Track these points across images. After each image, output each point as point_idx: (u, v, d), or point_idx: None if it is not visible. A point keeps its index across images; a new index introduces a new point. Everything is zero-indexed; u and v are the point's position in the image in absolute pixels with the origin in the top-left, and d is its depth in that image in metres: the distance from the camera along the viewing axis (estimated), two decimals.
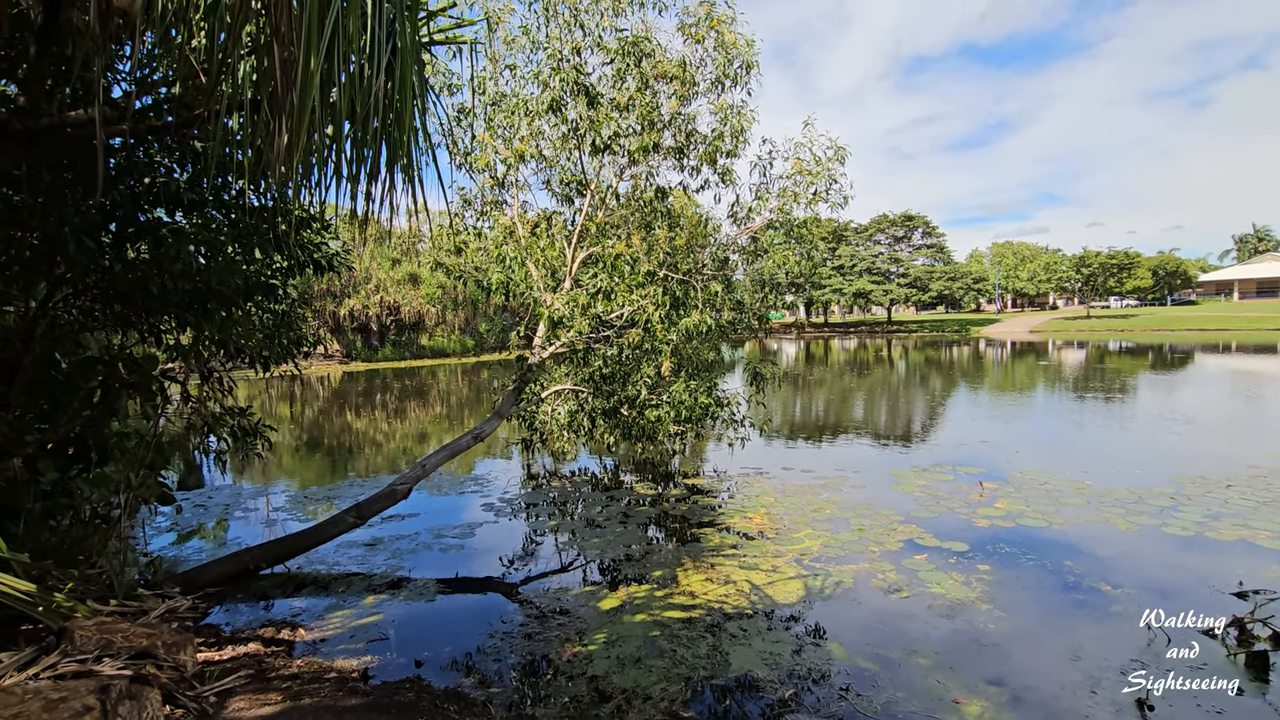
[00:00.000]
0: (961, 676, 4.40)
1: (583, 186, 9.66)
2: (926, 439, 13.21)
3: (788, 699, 4.15)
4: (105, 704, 2.48)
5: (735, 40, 8.72)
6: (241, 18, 2.40)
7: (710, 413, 9.27)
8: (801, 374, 28.54)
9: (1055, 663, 4.56)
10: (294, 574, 6.38)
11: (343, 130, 2.76)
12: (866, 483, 9.61)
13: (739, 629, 5.11)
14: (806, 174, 9.62)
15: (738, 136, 9.23)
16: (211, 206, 4.99)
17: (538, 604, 5.70)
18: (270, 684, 3.81)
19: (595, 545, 7.17)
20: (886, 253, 74.52)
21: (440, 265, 10.49)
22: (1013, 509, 8.05)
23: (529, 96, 8.84)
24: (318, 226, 5.71)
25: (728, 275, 10.02)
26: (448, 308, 44.76)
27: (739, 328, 10.11)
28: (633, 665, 4.55)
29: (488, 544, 7.38)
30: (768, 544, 7.05)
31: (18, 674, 2.84)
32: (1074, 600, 5.54)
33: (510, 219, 9.72)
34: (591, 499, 9.08)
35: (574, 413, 9.51)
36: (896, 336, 63.22)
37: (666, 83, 8.71)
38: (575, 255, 9.06)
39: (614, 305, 8.46)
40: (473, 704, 4.03)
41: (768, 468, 10.62)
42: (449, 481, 10.37)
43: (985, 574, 6.11)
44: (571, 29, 8.51)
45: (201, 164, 4.66)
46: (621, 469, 10.94)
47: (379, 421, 17.96)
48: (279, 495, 10.00)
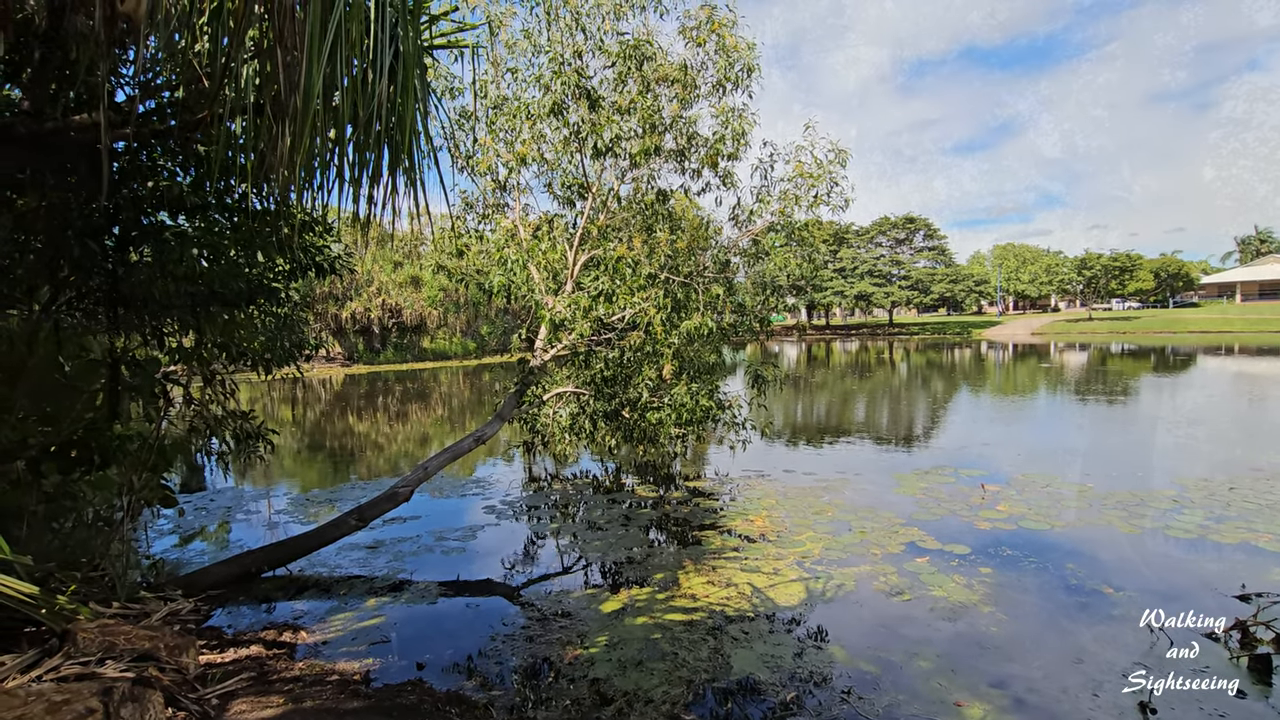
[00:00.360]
0: (963, 679, 4.39)
1: (584, 189, 9.68)
2: (928, 441, 13.20)
3: (789, 702, 4.14)
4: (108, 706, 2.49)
5: (736, 44, 8.74)
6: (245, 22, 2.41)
7: (712, 415, 9.27)
8: (803, 376, 28.53)
9: (1057, 665, 4.55)
10: (296, 577, 6.38)
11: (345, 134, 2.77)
12: (868, 485, 9.60)
13: (740, 632, 5.10)
14: (808, 177, 9.63)
15: (739, 139, 9.24)
16: (214, 210, 5.01)
17: (539, 606, 5.70)
18: (272, 686, 3.81)
19: (596, 548, 7.17)
20: (888, 255, 74.50)
21: (442, 268, 10.50)
22: (1014, 511, 8.03)
23: (531, 100, 8.87)
24: (320, 230, 5.73)
25: (729, 278, 10.03)
26: (449, 310, 44.82)
27: (740, 330, 10.11)
28: (634, 668, 4.55)
29: (489, 546, 7.38)
30: (769, 546, 7.05)
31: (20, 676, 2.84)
32: (1076, 603, 5.53)
33: (512, 222, 9.74)
34: (593, 501, 9.08)
35: (575, 415, 9.51)
36: (898, 339, 63.19)
37: (668, 86, 8.73)
38: (577, 258, 9.07)
39: (615, 308, 8.47)
40: (474, 706, 4.03)
41: (769, 470, 10.62)
42: (451, 484, 10.38)
43: (987, 577, 6.10)
44: (573, 32, 8.53)
45: (204, 168, 4.69)
46: (623, 472, 10.94)
47: (381, 424, 17.98)
48: (281, 498, 10.02)
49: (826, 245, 66.07)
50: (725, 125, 9.15)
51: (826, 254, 68.21)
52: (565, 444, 9.45)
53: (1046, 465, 10.49)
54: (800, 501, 8.74)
